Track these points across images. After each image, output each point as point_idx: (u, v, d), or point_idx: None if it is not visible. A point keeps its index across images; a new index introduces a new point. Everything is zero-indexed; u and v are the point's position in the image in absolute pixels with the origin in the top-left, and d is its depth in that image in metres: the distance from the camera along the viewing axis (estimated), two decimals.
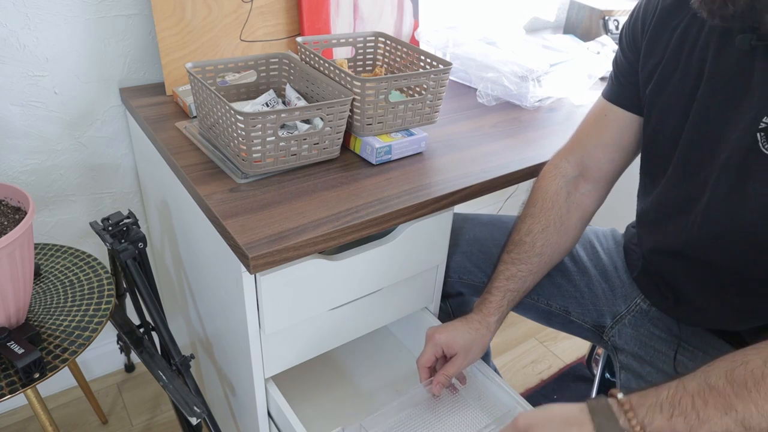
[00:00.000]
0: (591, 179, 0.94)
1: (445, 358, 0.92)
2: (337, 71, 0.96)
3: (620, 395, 0.66)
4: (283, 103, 1.05)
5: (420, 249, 0.97)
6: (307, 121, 0.96)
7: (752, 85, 0.70)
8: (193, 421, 0.95)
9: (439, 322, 1.10)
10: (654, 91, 0.82)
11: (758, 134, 0.69)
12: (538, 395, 1.55)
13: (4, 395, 0.81)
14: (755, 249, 0.73)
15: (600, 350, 1.53)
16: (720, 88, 0.73)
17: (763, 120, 0.68)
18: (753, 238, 0.72)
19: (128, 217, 0.99)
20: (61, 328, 0.94)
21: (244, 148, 0.87)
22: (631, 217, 1.05)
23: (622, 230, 1.09)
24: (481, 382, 0.99)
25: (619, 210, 1.07)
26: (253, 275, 0.80)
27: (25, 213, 0.85)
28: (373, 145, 0.96)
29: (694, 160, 0.78)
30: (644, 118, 0.86)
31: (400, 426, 0.91)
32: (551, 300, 1.03)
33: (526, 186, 1.05)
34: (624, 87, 0.88)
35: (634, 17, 0.86)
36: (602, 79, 1.42)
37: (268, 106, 1.01)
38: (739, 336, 0.85)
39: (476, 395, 0.98)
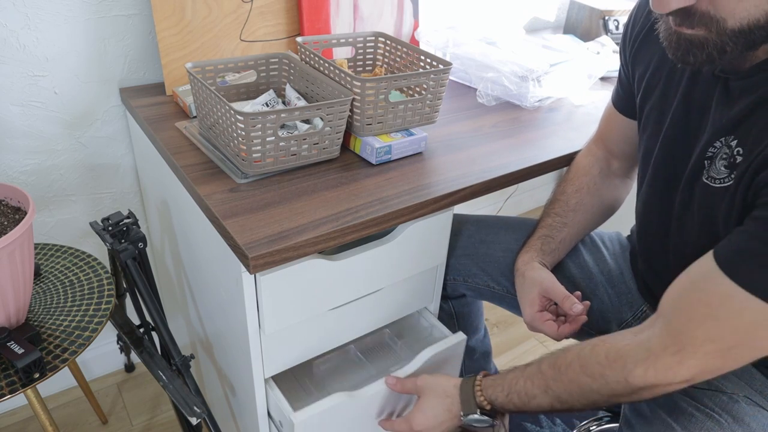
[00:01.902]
0: (618, 157, 1.01)
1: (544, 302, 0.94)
2: (337, 71, 0.96)
3: (480, 376, 0.84)
4: (283, 103, 1.05)
5: (420, 249, 0.97)
6: (307, 121, 0.96)
7: (708, 116, 0.72)
8: (193, 421, 0.95)
9: (438, 323, 1.10)
10: (641, 100, 0.86)
11: (705, 162, 0.71)
12: None
13: (4, 395, 0.81)
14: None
15: None
16: (689, 110, 0.75)
17: (709, 150, 0.71)
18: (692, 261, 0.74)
19: (128, 217, 0.99)
20: (61, 328, 0.94)
21: (244, 148, 0.87)
22: (633, 221, 1.06)
23: (626, 233, 1.09)
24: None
25: (623, 214, 1.07)
26: (252, 275, 0.80)
27: (25, 213, 0.85)
28: (373, 145, 0.96)
29: (661, 177, 0.81)
30: (637, 124, 0.90)
31: (344, 367, 0.98)
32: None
33: (526, 186, 1.05)
34: (621, 94, 0.94)
35: (626, 25, 0.90)
36: (602, 79, 1.42)
37: (268, 106, 1.01)
38: None
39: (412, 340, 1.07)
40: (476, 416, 0.82)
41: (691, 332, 0.65)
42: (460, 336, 1.04)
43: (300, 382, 1.06)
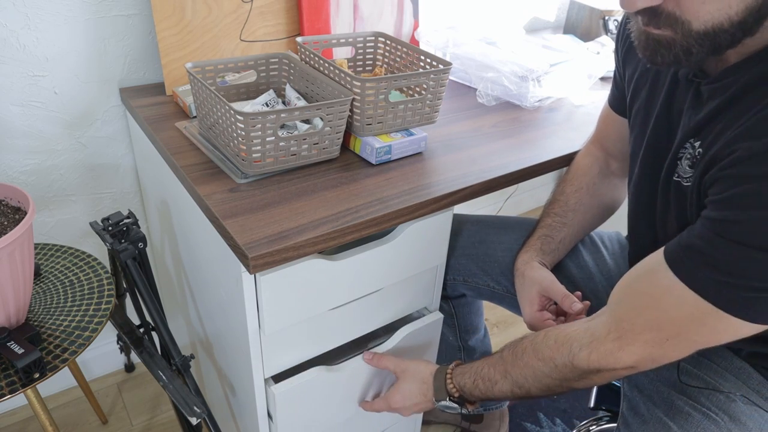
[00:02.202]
0: (616, 158, 1.01)
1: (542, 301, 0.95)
2: (337, 71, 0.96)
3: (452, 365, 0.89)
4: (283, 103, 1.05)
5: (420, 249, 0.97)
6: (307, 121, 0.96)
7: (682, 119, 0.74)
8: (193, 421, 0.95)
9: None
10: (630, 101, 0.87)
11: (677, 161, 0.73)
12: None
13: (4, 395, 0.81)
14: None
15: None
16: (671, 112, 0.77)
17: (681, 150, 0.72)
18: None
19: (128, 217, 0.99)
20: (61, 328, 0.94)
21: (244, 148, 0.87)
22: None
23: (626, 233, 1.09)
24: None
25: (622, 214, 1.07)
26: (252, 275, 0.80)
27: (25, 213, 0.85)
28: (373, 145, 0.96)
29: (646, 177, 0.82)
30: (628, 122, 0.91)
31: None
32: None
33: (526, 186, 1.05)
34: (617, 94, 0.95)
35: (620, 26, 0.92)
36: (602, 79, 1.42)
37: (268, 106, 1.01)
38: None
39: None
40: (446, 402, 0.88)
41: (633, 320, 0.68)
42: (437, 315, 1.07)
43: None
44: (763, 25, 0.58)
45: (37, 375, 0.84)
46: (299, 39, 1.06)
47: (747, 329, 0.61)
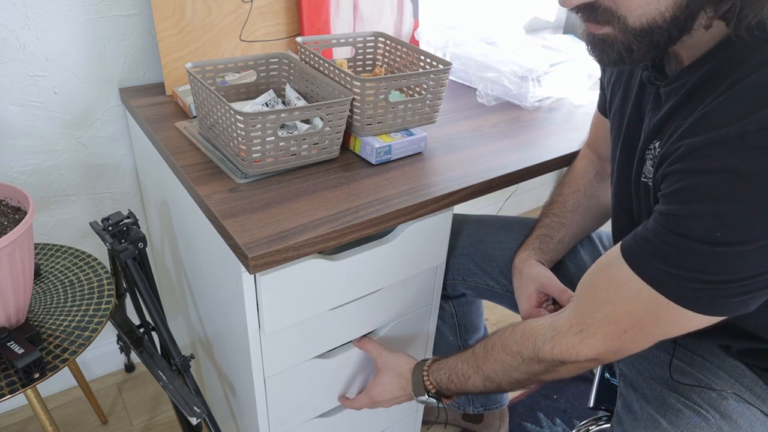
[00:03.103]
0: (609, 162, 1.00)
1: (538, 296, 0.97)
2: (337, 71, 0.96)
3: (429, 361, 0.91)
4: (283, 103, 1.05)
5: (420, 249, 0.97)
6: (306, 121, 0.96)
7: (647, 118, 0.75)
8: (193, 421, 0.95)
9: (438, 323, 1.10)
10: (609, 105, 0.89)
11: (644, 162, 0.74)
12: (537, 395, 1.55)
13: (4, 395, 0.81)
14: None
15: None
16: (640, 115, 0.78)
17: (646, 152, 0.74)
18: None
19: (128, 217, 0.99)
20: (61, 328, 0.94)
21: (244, 148, 0.87)
22: None
23: None
24: None
25: None
26: (252, 275, 0.80)
27: (25, 213, 0.85)
28: (373, 145, 0.96)
29: (623, 179, 0.82)
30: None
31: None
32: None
33: (526, 186, 1.05)
34: (602, 97, 0.96)
35: None
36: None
37: (267, 106, 1.01)
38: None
39: None
40: (424, 398, 0.91)
41: (592, 314, 0.69)
42: (430, 306, 1.07)
43: None
44: (700, 23, 0.59)
45: (37, 375, 0.84)
46: (299, 39, 1.06)
47: (698, 321, 0.62)
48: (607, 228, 1.09)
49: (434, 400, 0.90)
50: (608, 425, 1.05)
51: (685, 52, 0.65)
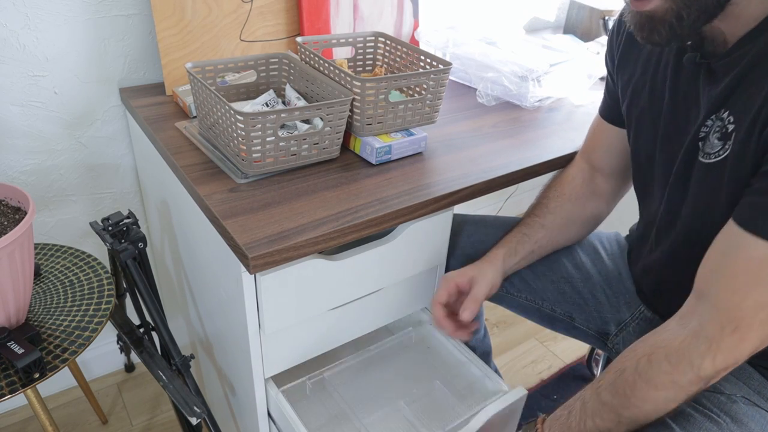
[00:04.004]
0: (601, 173, 1.01)
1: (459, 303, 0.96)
2: (337, 71, 0.96)
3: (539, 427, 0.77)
4: (283, 103, 1.05)
5: (420, 249, 0.97)
6: (307, 121, 0.96)
7: (699, 103, 0.74)
8: (193, 421, 0.95)
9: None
10: (629, 106, 0.88)
11: (699, 143, 0.73)
12: (538, 395, 1.55)
13: (4, 395, 0.81)
14: (701, 255, 0.74)
15: (600, 350, 1.53)
16: (679, 107, 0.77)
17: (702, 130, 0.72)
18: (696, 245, 0.74)
19: (128, 217, 0.99)
20: (61, 328, 0.94)
21: (244, 148, 0.87)
22: (633, 220, 1.06)
23: (625, 233, 1.09)
24: (439, 342, 1.05)
25: (623, 214, 1.08)
26: (252, 275, 0.80)
27: (25, 213, 0.85)
28: (373, 145, 0.96)
29: (665, 177, 0.82)
30: (627, 131, 0.91)
31: (360, 379, 0.95)
32: (555, 305, 1.03)
33: (526, 186, 1.05)
34: (609, 103, 0.96)
35: (611, 33, 0.93)
36: (602, 79, 1.42)
37: (268, 106, 1.01)
38: None
39: (434, 355, 1.05)
40: None
41: (740, 304, 0.63)
42: (521, 391, 0.93)
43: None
44: None
45: (37, 375, 0.84)
46: (299, 39, 1.06)
47: None
48: (607, 229, 1.09)
49: None
50: None
51: (728, 28, 0.67)
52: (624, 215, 1.09)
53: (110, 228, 0.98)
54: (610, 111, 0.96)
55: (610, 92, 0.95)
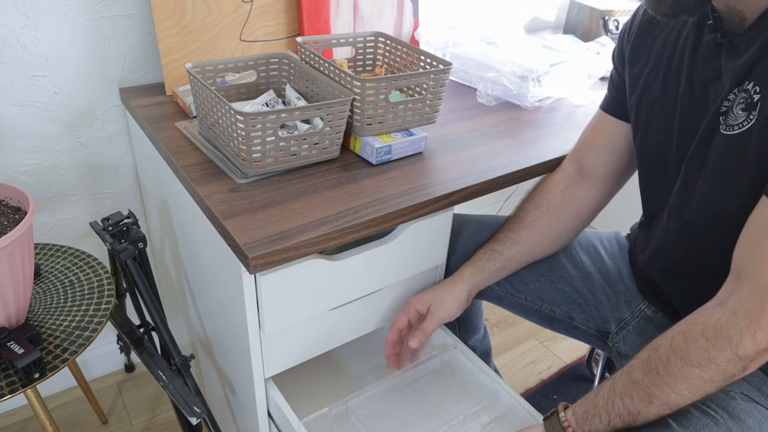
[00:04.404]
0: (589, 178, 0.99)
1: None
2: (337, 71, 0.96)
3: (563, 414, 0.75)
4: (283, 103, 1.05)
5: (420, 249, 0.97)
6: (307, 121, 0.96)
7: (721, 79, 0.74)
8: (193, 421, 0.95)
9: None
10: (640, 96, 0.87)
11: (720, 117, 0.73)
12: (538, 395, 1.55)
13: (4, 395, 0.81)
14: (721, 233, 0.74)
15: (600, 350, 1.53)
16: (697, 89, 0.77)
17: (724, 104, 0.72)
18: (716, 221, 0.75)
19: (128, 217, 0.99)
20: (61, 328, 0.94)
21: (244, 148, 0.87)
22: (633, 220, 1.06)
23: (625, 233, 1.09)
24: (464, 367, 1.01)
25: (623, 214, 1.07)
26: (253, 275, 0.80)
27: (25, 213, 0.85)
28: (373, 145, 0.96)
29: (680, 156, 0.81)
30: (632, 124, 0.91)
31: (385, 408, 0.92)
32: (555, 306, 1.03)
33: (526, 186, 1.05)
34: (614, 97, 0.95)
35: (621, 30, 0.93)
36: (602, 79, 1.42)
37: (268, 106, 1.01)
38: None
39: (461, 381, 1.00)
40: None
41: None
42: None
43: (300, 382, 1.06)
44: None
45: (37, 375, 0.84)
46: (299, 39, 1.06)
47: None
48: (607, 228, 1.09)
49: None
50: None
51: (746, 7, 0.68)
52: (624, 215, 1.09)
53: (110, 228, 0.98)
54: (614, 105, 0.95)
55: (615, 86, 0.94)
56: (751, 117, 0.68)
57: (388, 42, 1.14)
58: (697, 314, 0.69)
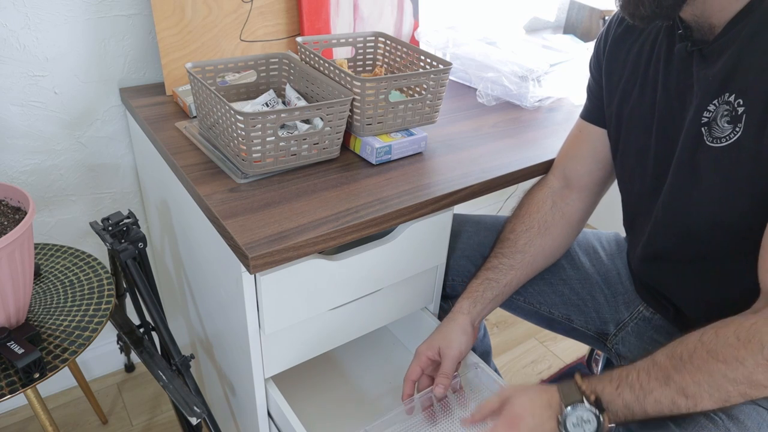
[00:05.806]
0: (574, 189, 0.99)
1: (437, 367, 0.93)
2: (337, 71, 0.96)
3: (576, 376, 0.73)
4: (283, 103, 1.05)
5: (420, 249, 0.97)
6: (307, 121, 0.96)
7: (693, 87, 0.75)
8: (193, 421, 0.95)
9: (438, 322, 1.10)
10: (618, 105, 0.88)
11: (702, 129, 0.73)
12: None
13: (4, 395, 0.81)
14: (722, 238, 0.76)
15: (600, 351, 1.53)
16: (672, 96, 0.78)
17: (704, 115, 0.73)
18: (716, 228, 0.76)
19: (128, 217, 0.99)
20: (61, 328, 0.94)
21: (244, 148, 0.87)
22: None
23: (623, 233, 1.09)
24: (486, 385, 0.99)
25: (621, 214, 1.07)
26: (253, 275, 0.80)
27: (25, 213, 0.85)
28: (373, 145, 0.96)
29: (662, 166, 0.82)
30: (611, 132, 0.91)
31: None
32: (553, 308, 1.03)
33: (525, 186, 1.05)
34: (595, 105, 0.95)
35: (597, 41, 0.93)
36: None
37: (268, 106, 1.01)
38: None
39: (480, 401, 0.98)
40: (586, 405, 0.69)
41: None
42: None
43: (300, 382, 1.06)
44: None
45: (37, 375, 0.84)
46: (299, 39, 1.06)
47: None
48: (606, 228, 1.09)
49: (595, 412, 0.69)
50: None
51: (714, 14, 0.69)
52: (620, 216, 1.09)
53: (110, 228, 0.98)
54: (595, 113, 0.95)
55: (594, 95, 0.95)
56: (737, 129, 0.69)
57: (388, 42, 1.14)
58: (728, 321, 0.67)
